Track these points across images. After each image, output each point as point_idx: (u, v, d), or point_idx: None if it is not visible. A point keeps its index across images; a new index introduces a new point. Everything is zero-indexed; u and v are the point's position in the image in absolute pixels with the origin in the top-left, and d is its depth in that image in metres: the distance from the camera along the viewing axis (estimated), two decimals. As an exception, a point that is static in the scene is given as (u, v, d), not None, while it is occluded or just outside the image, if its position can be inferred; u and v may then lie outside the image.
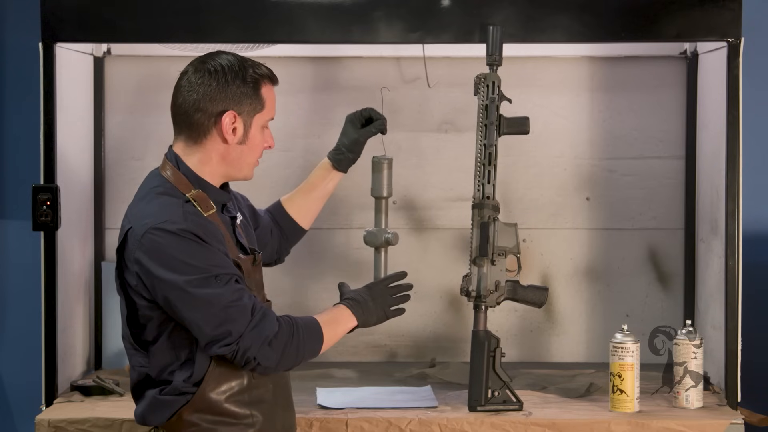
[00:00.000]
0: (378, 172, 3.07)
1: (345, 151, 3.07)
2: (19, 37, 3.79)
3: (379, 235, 3.03)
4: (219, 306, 2.54)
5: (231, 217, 2.75)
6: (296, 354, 2.63)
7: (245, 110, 2.66)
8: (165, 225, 2.55)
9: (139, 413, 2.68)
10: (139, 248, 2.56)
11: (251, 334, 2.56)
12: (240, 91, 2.65)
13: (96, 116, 3.74)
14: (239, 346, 2.56)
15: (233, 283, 2.57)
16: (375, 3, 3.21)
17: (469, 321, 3.33)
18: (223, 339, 2.55)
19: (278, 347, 2.59)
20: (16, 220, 3.83)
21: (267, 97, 2.69)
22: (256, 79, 2.67)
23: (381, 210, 3.07)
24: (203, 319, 2.55)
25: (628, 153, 3.81)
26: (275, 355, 2.59)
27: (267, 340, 2.57)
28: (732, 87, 3.19)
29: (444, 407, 3.20)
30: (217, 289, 2.54)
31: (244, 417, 2.65)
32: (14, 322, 3.86)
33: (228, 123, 2.64)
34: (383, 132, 3.08)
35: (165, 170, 2.68)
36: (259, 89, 2.67)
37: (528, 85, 3.76)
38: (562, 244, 3.83)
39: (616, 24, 3.23)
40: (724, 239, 3.24)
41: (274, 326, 2.59)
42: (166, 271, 2.54)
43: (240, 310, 2.56)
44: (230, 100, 2.64)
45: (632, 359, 3.15)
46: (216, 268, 2.56)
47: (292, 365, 2.65)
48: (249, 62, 2.69)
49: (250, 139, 2.68)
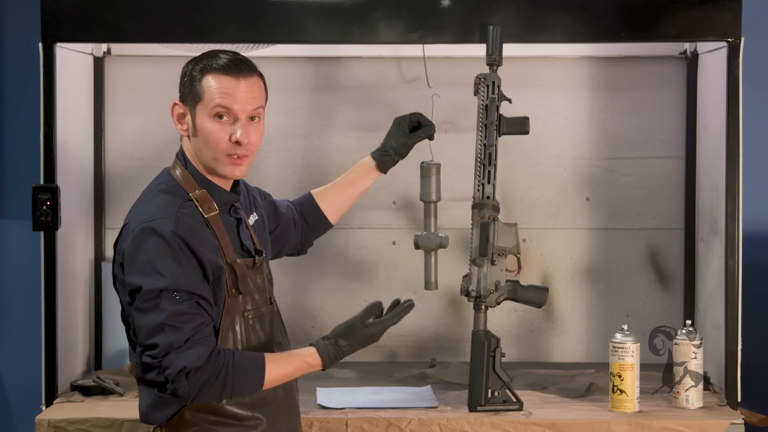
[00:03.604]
0: (427, 177, 3.16)
1: (392, 153, 3.10)
2: (19, 37, 3.79)
3: (432, 239, 3.14)
4: (160, 319, 2.53)
5: (237, 218, 2.74)
6: (220, 392, 2.57)
7: (187, 100, 2.67)
8: (156, 224, 2.56)
9: (143, 410, 2.68)
10: (128, 243, 2.58)
11: (172, 357, 2.53)
12: (184, 82, 2.68)
13: (96, 116, 3.74)
14: (161, 364, 2.54)
15: (189, 305, 2.55)
16: (375, 3, 3.21)
17: (469, 321, 3.33)
18: (150, 350, 2.55)
19: (194, 382, 2.53)
20: (16, 220, 3.83)
21: (207, 87, 2.63)
22: (202, 69, 2.65)
23: (430, 214, 3.17)
24: (142, 326, 2.56)
25: (628, 153, 3.81)
26: (189, 387, 2.53)
27: (185, 371, 2.52)
28: (732, 87, 3.19)
29: (444, 407, 3.20)
30: (168, 305, 2.53)
31: (246, 419, 2.65)
32: (14, 322, 3.87)
33: (175, 113, 2.68)
34: (431, 138, 3.13)
35: (174, 169, 2.69)
36: (201, 80, 2.64)
37: (528, 85, 3.76)
38: (562, 244, 3.83)
39: (616, 24, 3.23)
40: (724, 239, 3.24)
41: (198, 360, 2.53)
42: (135, 272, 2.56)
43: (176, 330, 2.53)
44: (180, 92, 2.69)
45: (632, 359, 3.15)
46: (180, 285, 2.55)
47: (217, 400, 2.60)
48: (211, 55, 2.68)
49: (200, 130, 2.65)
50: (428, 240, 3.14)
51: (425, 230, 3.16)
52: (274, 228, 2.99)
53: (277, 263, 3.20)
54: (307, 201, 3.12)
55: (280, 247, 3.04)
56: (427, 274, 3.16)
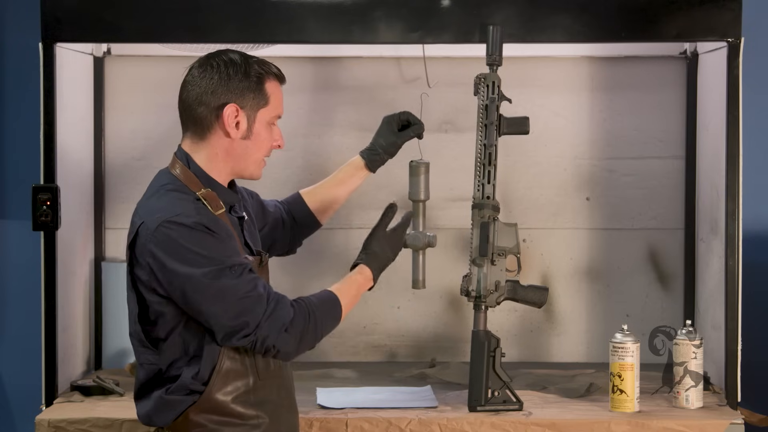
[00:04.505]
0: (415, 176, 3.15)
1: (381, 152, 3.10)
2: (19, 37, 3.79)
3: (421, 238, 3.11)
4: (235, 297, 2.55)
5: (239, 217, 2.75)
6: (314, 335, 2.65)
7: (248, 104, 2.66)
8: (178, 218, 2.56)
9: (144, 414, 2.67)
10: (152, 241, 2.56)
11: (268, 323, 2.57)
12: (242, 84, 2.65)
13: (96, 116, 3.74)
14: (257, 336, 2.57)
15: (247, 273, 2.59)
16: (375, 3, 3.21)
17: (469, 321, 3.33)
18: (242, 330, 2.56)
19: (295, 332, 2.61)
20: (16, 220, 3.83)
21: (272, 93, 2.68)
22: (261, 74, 2.67)
23: (419, 213, 3.14)
24: (221, 311, 2.56)
25: (628, 153, 3.81)
26: (293, 340, 2.60)
27: (284, 327, 2.58)
28: (732, 87, 3.19)
29: (444, 407, 3.20)
30: (232, 280, 2.55)
31: (250, 418, 2.65)
32: (14, 322, 3.87)
33: (229, 116, 2.64)
34: (420, 137, 3.13)
35: (174, 169, 2.68)
36: (263, 84, 2.67)
37: (528, 85, 3.76)
38: (562, 244, 3.83)
39: (616, 24, 3.23)
40: (724, 239, 3.24)
41: (289, 312, 2.61)
42: (181, 265, 2.55)
43: (255, 300, 2.57)
44: (232, 93, 2.65)
45: (632, 359, 3.15)
46: (230, 260, 2.57)
47: (312, 346, 2.67)
48: (254, 59, 2.69)
49: (255, 134, 2.68)
50: (416, 239, 3.13)
51: (413, 229, 3.14)
52: (262, 227, 2.99)
53: (278, 263, 3.21)
54: (296, 200, 3.12)
55: (269, 247, 3.03)
56: (415, 273, 3.14)
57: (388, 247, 2.92)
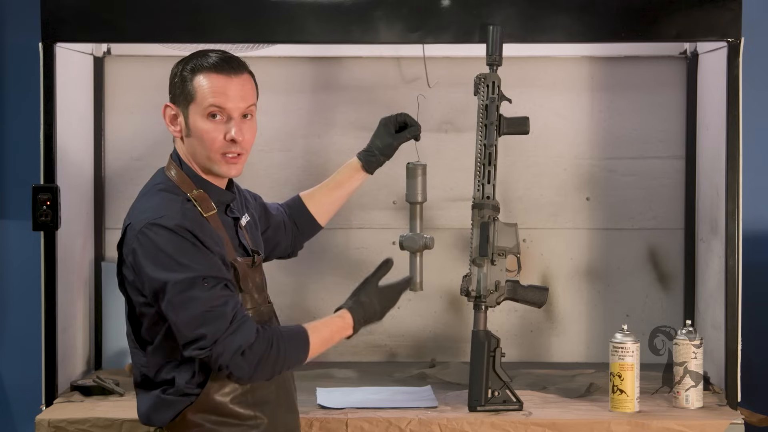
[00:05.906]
0: (413, 178, 3.15)
1: (377, 154, 3.09)
2: (19, 37, 3.79)
3: (417, 240, 3.13)
4: (200, 309, 2.53)
5: (234, 218, 2.74)
6: (273, 366, 2.59)
7: (179, 102, 2.66)
8: (162, 220, 2.56)
9: (143, 412, 2.68)
10: (136, 242, 2.57)
11: (225, 342, 2.53)
12: (174, 83, 2.67)
13: (96, 116, 3.74)
14: (212, 352, 2.53)
15: (220, 288, 2.56)
16: (375, 3, 3.21)
17: (469, 321, 3.33)
18: (197, 341, 2.54)
19: (252, 358, 2.55)
20: (16, 220, 3.83)
21: (199, 86, 2.63)
22: (193, 69, 2.65)
23: (416, 215, 3.16)
24: (183, 320, 2.54)
25: (628, 153, 3.81)
26: (247, 365, 2.55)
27: (240, 350, 2.54)
28: (732, 87, 3.19)
29: (444, 407, 3.20)
30: (202, 293, 2.53)
31: (248, 418, 2.65)
32: (14, 322, 3.87)
33: (166, 116, 2.67)
34: (417, 138, 3.12)
35: (170, 170, 2.69)
36: (191, 80, 2.64)
37: (528, 85, 3.76)
38: (562, 244, 3.83)
39: (616, 24, 3.23)
40: (724, 239, 3.24)
41: (250, 337, 2.55)
42: (156, 268, 2.54)
43: (218, 316, 2.53)
44: (170, 93, 2.68)
45: (632, 359, 3.15)
46: (205, 271, 2.55)
47: (269, 376, 2.61)
48: (201, 54, 2.67)
49: (194, 130, 2.65)
50: (413, 241, 3.13)
51: (410, 231, 3.15)
52: (265, 229, 2.99)
53: (278, 264, 3.20)
54: (296, 203, 3.11)
55: (271, 250, 3.03)
56: (412, 275, 3.14)
57: (377, 301, 2.78)
